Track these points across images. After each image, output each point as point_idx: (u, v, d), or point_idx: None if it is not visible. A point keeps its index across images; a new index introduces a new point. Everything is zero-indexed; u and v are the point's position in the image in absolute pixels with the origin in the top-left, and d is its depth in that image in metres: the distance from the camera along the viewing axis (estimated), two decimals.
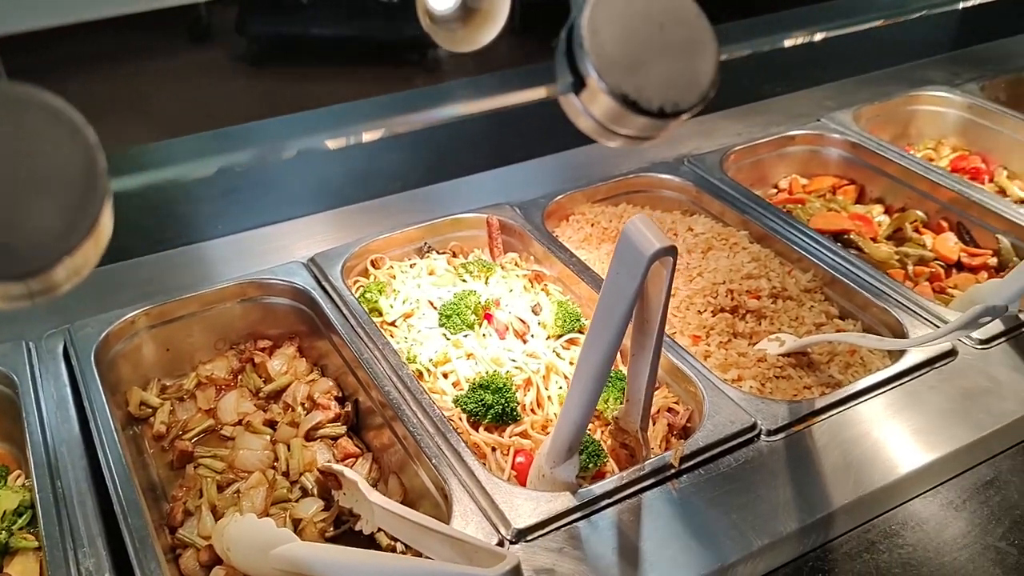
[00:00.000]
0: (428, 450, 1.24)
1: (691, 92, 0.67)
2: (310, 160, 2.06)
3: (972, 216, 1.82)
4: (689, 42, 0.67)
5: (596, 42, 0.63)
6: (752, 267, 1.58)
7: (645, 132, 0.70)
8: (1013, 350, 1.44)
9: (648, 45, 0.65)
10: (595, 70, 0.63)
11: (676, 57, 0.66)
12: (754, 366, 1.43)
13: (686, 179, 1.86)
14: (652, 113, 0.65)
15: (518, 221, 1.72)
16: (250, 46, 6.08)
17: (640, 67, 0.64)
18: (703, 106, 0.70)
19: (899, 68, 2.39)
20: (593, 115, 0.67)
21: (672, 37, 0.66)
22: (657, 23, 0.65)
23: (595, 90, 0.64)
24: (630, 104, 0.64)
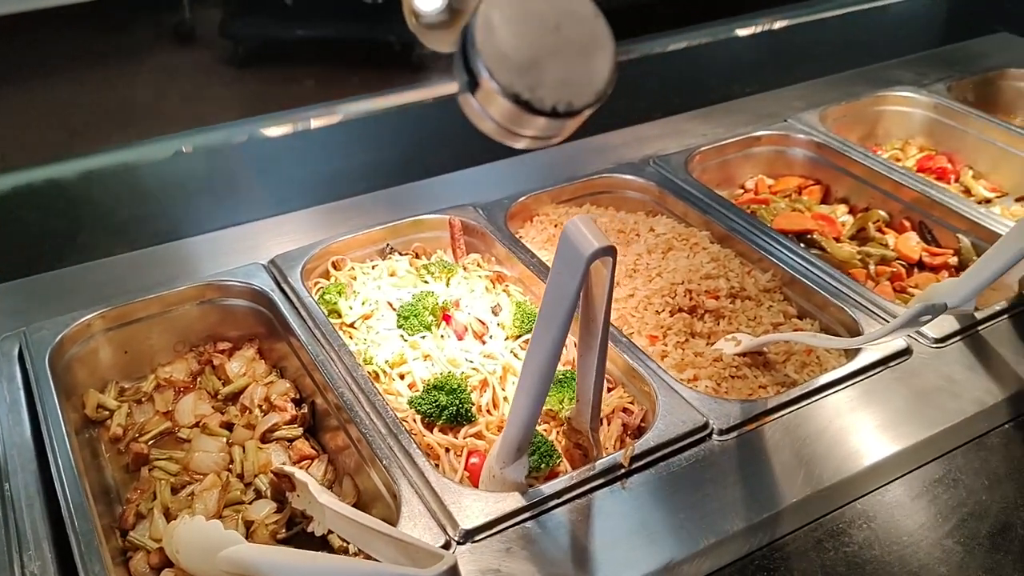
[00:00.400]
0: (379, 452, 1.24)
1: (586, 92, 0.68)
2: (276, 161, 2.06)
3: (934, 216, 1.83)
4: (586, 42, 0.67)
5: (489, 41, 0.63)
6: (711, 267, 1.59)
7: (545, 132, 0.70)
8: (968, 349, 1.44)
9: (543, 45, 0.65)
10: (486, 70, 0.63)
11: (572, 57, 0.67)
12: (710, 366, 1.44)
13: (650, 180, 1.87)
14: (545, 113, 0.65)
15: (481, 222, 1.72)
16: (235, 48, 6.08)
17: (534, 67, 0.64)
18: (599, 105, 0.70)
19: (868, 69, 2.40)
20: (492, 116, 0.67)
21: (568, 37, 0.66)
22: (553, 23, 0.65)
23: (488, 90, 0.64)
24: (523, 104, 0.64)
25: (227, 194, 1.96)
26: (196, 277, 1.57)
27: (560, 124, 0.68)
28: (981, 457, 1.29)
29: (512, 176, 1.92)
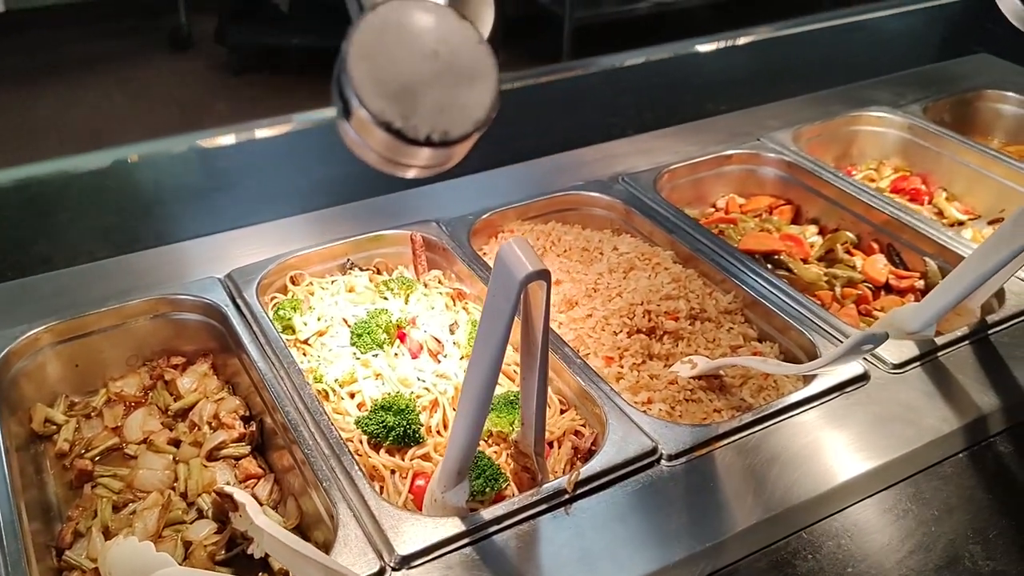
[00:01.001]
0: (320, 473, 1.22)
1: (464, 121, 0.66)
2: (239, 174, 2.04)
3: (903, 239, 1.81)
4: (466, 69, 0.65)
5: (362, 67, 0.61)
6: (671, 288, 1.57)
7: (429, 162, 0.68)
8: (927, 375, 1.42)
9: (419, 72, 0.63)
10: (357, 96, 0.61)
11: (450, 85, 0.65)
12: (665, 388, 1.42)
13: (616, 198, 1.85)
14: (419, 142, 0.63)
15: (443, 238, 1.70)
16: (230, 55, 6.07)
17: (408, 94, 0.62)
18: (479, 135, 0.68)
19: (846, 88, 2.38)
20: (370, 146, 0.65)
21: (447, 64, 0.64)
22: (431, 49, 0.63)
23: (360, 118, 0.62)
24: (394, 132, 0.62)
25: (192, 205, 1.94)
26: (152, 290, 1.55)
27: (443, 153, 0.66)
28: (933, 487, 1.27)
29: (479, 192, 1.90)
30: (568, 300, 1.56)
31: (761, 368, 1.37)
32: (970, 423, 1.34)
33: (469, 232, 1.73)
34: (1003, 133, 2.35)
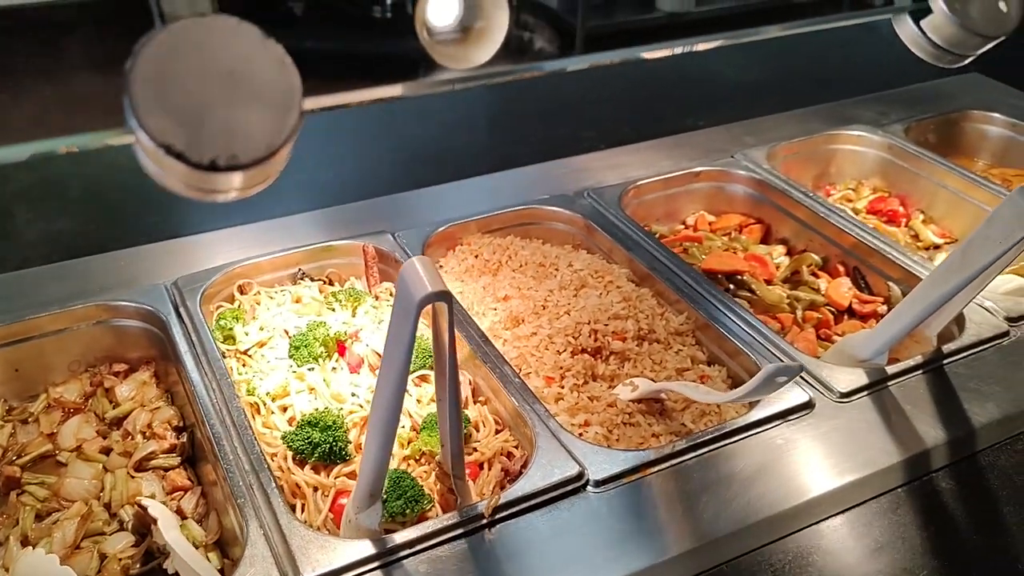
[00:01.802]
0: (236, 489, 1.20)
1: (256, 145, 0.63)
2: None
3: (870, 262, 1.77)
4: (264, 92, 0.63)
5: (145, 89, 0.59)
6: (621, 307, 1.54)
7: (235, 186, 0.65)
8: (873, 405, 1.38)
9: (209, 94, 0.60)
10: (136, 119, 0.58)
11: (243, 107, 0.62)
12: (604, 411, 1.39)
13: (579, 212, 1.82)
14: (203, 167, 0.61)
15: (396, 250, 1.68)
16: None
17: (195, 117, 0.60)
18: (272, 157, 0.65)
19: (830, 105, 2.34)
20: (165, 171, 0.63)
21: (242, 86, 0.62)
22: (226, 69, 0.61)
23: (142, 142, 0.60)
24: (176, 156, 0.60)
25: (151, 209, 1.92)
26: (100, 295, 1.54)
27: (246, 176, 0.63)
28: (866, 522, 1.23)
29: (442, 203, 1.88)
30: (514, 317, 1.53)
31: (688, 394, 1.33)
32: (911, 457, 1.30)
33: (424, 244, 1.70)
34: (989, 155, 2.30)
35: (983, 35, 0.92)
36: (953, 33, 0.92)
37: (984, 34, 0.92)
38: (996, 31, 0.93)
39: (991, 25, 0.92)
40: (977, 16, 0.90)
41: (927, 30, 0.95)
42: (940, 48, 0.96)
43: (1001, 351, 1.50)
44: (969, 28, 0.90)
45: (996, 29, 0.92)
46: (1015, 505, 1.25)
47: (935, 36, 0.94)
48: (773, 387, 1.11)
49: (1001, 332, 1.52)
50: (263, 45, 0.63)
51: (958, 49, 0.97)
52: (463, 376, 1.46)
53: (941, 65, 0.99)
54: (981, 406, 1.38)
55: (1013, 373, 1.45)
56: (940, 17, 0.91)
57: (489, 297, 1.60)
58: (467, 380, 1.45)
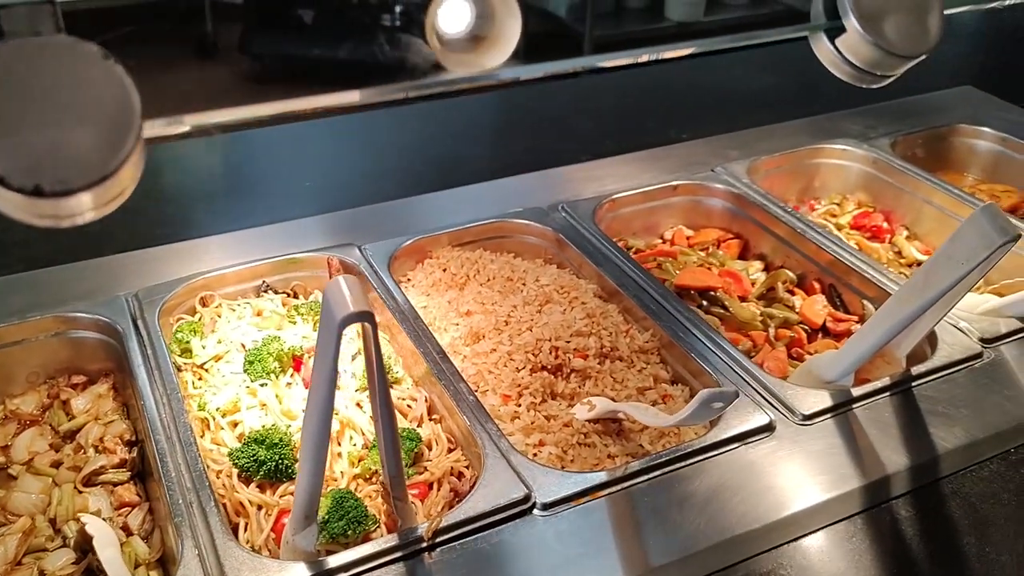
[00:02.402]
0: (175, 507, 1.18)
1: (86, 169, 0.61)
2: (165, 193, 2.02)
3: (846, 280, 1.73)
4: (99, 113, 0.61)
5: None
6: (583, 324, 1.51)
7: (65, 212, 0.63)
8: (836, 428, 1.35)
9: (32, 116, 0.58)
10: None
11: (73, 129, 0.60)
12: (560, 431, 1.36)
13: (550, 226, 1.80)
14: (26, 191, 0.59)
15: (361, 263, 1.66)
16: (253, 65, 6.22)
17: (15, 139, 0.58)
18: (106, 181, 0.63)
19: (817, 118, 2.30)
20: (2, 198, 0.60)
21: (77, 108, 0.59)
22: (57, 92, 0.58)
23: None
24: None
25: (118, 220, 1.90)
26: (61, 306, 1.53)
27: (82, 200, 0.61)
28: (819, 550, 1.19)
29: (415, 215, 1.86)
30: (475, 333, 1.51)
31: (636, 416, 1.30)
32: (871, 483, 1.26)
33: (391, 257, 1.68)
34: (979, 170, 2.25)
35: (900, 55, 0.88)
36: (869, 53, 0.88)
37: (901, 53, 0.89)
38: (914, 50, 0.89)
39: (909, 43, 0.88)
40: (893, 34, 0.86)
41: (843, 50, 0.91)
42: (859, 69, 0.92)
43: (973, 373, 1.46)
44: (884, 48, 0.86)
45: (914, 48, 0.89)
46: (977, 536, 1.22)
47: (852, 56, 0.90)
48: (710, 413, 1.08)
49: (974, 354, 1.48)
50: (103, 66, 0.61)
51: (877, 69, 0.93)
52: (419, 393, 1.44)
53: (863, 86, 0.96)
54: (948, 430, 1.35)
55: (984, 396, 1.41)
56: (854, 36, 0.87)
57: (452, 312, 1.58)
58: (423, 397, 1.42)
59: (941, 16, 0.91)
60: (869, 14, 0.86)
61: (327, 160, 2.23)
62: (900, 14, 0.87)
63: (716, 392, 1.04)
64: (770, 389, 1.39)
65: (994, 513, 1.24)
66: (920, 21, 0.88)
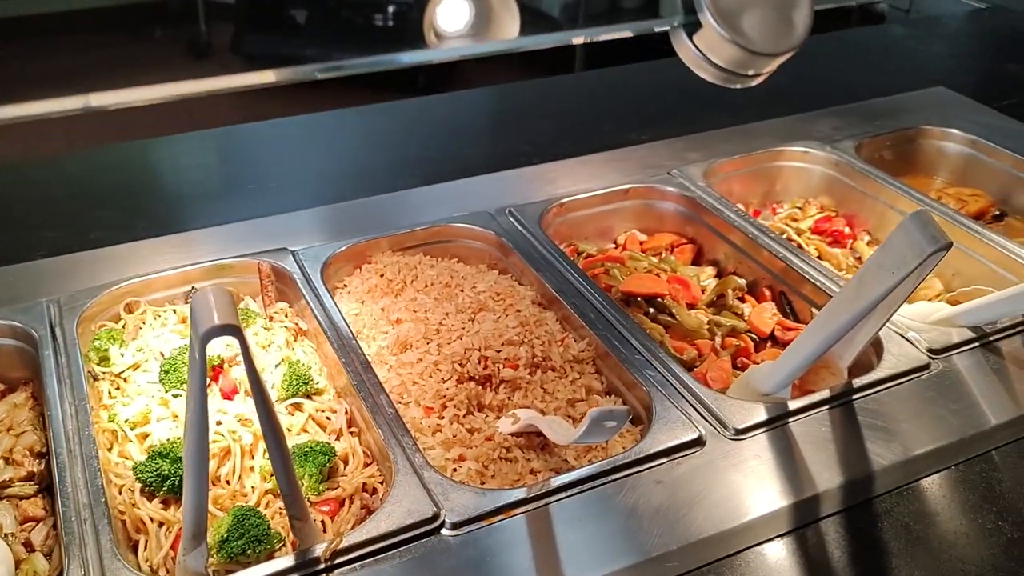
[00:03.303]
0: (67, 525, 1.13)
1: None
2: (99, 197, 1.97)
3: (800, 289, 1.68)
4: None
5: None
6: (515, 332, 1.46)
7: None
8: (770, 443, 1.29)
9: None
10: None
11: None
12: (482, 444, 1.31)
13: (494, 231, 1.74)
14: None
15: (294, 268, 1.61)
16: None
17: None
18: None
19: (783, 120, 2.25)
20: None
21: None
22: None
23: None
24: None
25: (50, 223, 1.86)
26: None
27: None
28: (741, 572, 1.13)
29: (356, 219, 1.80)
30: (402, 342, 1.46)
31: (544, 430, 1.24)
32: (799, 502, 1.21)
33: (326, 262, 1.63)
34: (948, 172, 2.19)
35: (761, 52, 0.82)
36: (729, 51, 0.82)
37: (762, 51, 0.82)
38: (777, 47, 0.83)
39: (772, 41, 0.82)
40: (754, 31, 0.81)
41: (702, 48, 0.85)
42: (722, 68, 0.86)
43: (918, 386, 1.40)
44: (743, 45, 0.80)
45: (777, 45, 0.83)
46: (908, 558, 1.16)
47: (711, 55, 0.84)
48: (604, 432, 1.02)
49: (920, 365, 1.43)
50: None
51: (741, 68, 0.87)
52: (340, 405, 1.39)
53: (731, 87, 0.90)
54: (886, 446, 1.29)
55: (927, 410, 1.35)
56: (710, 33, 0.81)
57: (383, 320, 1.53)
58: (343, 409, 1.37)
59: (810, 11, 0.85)
60: (726, 8, 0.80)
61: (274, 163, 2.17)
62: (762, 8, 0.81)
63: (606, 411, 0.99)
64: (704, 402, 1.34)
65: (927, 535, 1.19)
66: (784, 17, 0.82)
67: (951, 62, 2.88)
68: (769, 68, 0.86)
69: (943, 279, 1.81)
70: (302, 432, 1.35)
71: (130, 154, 2.20)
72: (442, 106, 2.52)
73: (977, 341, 1.49)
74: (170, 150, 2.23)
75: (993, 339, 1.50)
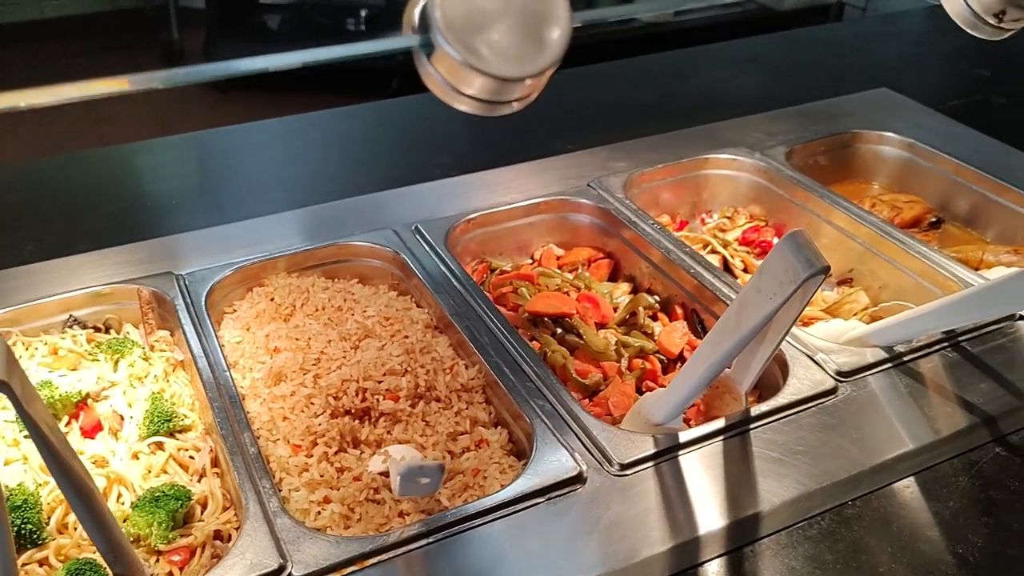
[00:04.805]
0: None
1: None
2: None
3: (713, 308, 1.60)
4: None
5: None
6: (399, 361, 1.37)
7: None
8: (654, 478, 1.21)
9: None
10: None
11: None
12: (349, 485, 1.22)
13: (394, 249, 1.66)
14: None
15: (176, 294, 1.52)
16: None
17: None
18: None
19: (713, 125, 2.16)
20: None
21: None
22: None
23: None
24: None
25: None
26: None
27: None
28: None
29: (252, 239, 1.72)
30: (276, 374, 1.38)
31: (392, 478, 1.15)
32: (680, 545, 1.12)
33: (211, 287, 1.55)
34: (886, 177, 2.11)
35: (501, 77, 0.73)
36: (467, 76, 0.73)
37: (502, 75, 0.73)
38: (522, 70, 0.74)
39: (515, 63, 0.73)
40: (491, 52, 0.72)
41: (442, 72, 0.76)
42: (474, 99, 0.77)
43: (823, 412, 1.32)
44: (479, 68, 0.71)
45: (521, 67, 0.73)
46: None
47: (455, 81, 0.75)
48: (420, 488, 0.94)
49: (826, 390, 1.35)
50: None
51: (494, 96, 0.77)
52: (204, 443, 1.30)
53: (488, 115, 0.80)
54: (779, 481, 1.21)
55: (829, 440, 1.27)
56: (444, 55, 0.72)
57: (262, 349, 1.44)
58: (207, 448, 1.29)
59: (566, 29, 0.76)
60: (459, 28, 0.71)
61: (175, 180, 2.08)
62: (499, 30, 0.72)
63: (416, 467, 0.91)
64: (591, 434, 1.26)
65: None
66: (533, 39, 0.74)
67: (901, 62, 2.80)
68: (522, 93, 0.77)
69: (870, 292, 1.73)
70: (162, 473, 1.26)
71: (28, 172, 2.12)
72: (361, 115, 2.43)
73: (890, 362, 1.41)
74: (72, 168, 2.14)
75: (908, 359, 1.42)
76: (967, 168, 1.94)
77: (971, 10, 1.02)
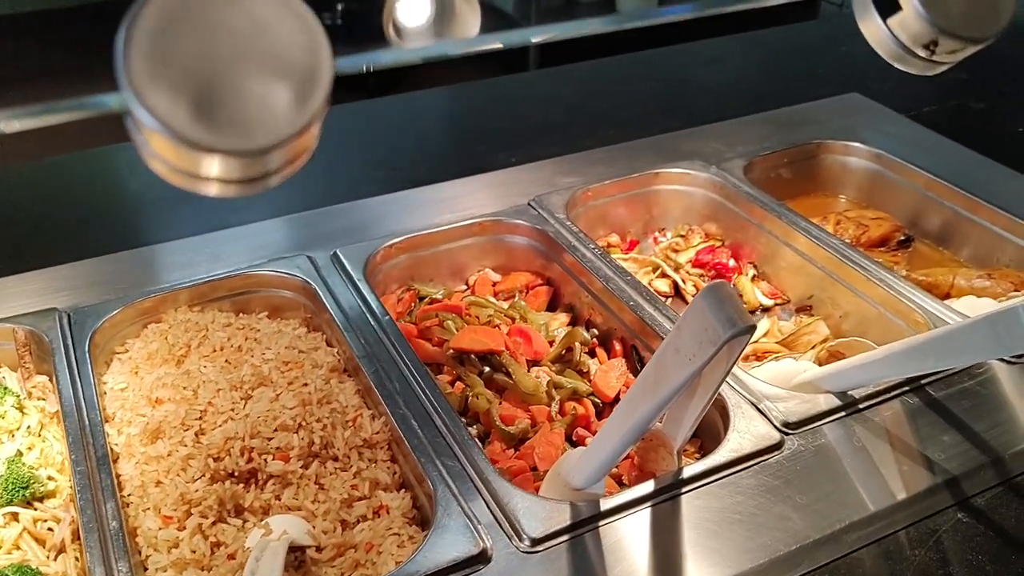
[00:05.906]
0: None
1: None
2: None
3: (652, 344, 1.45)
4: None
5: None
6: (293, 414, 1.22)
7: None
8: (568, 555, 1.07)
9: None
10: None
11: None
12: (223, 564, 1.07)
13: (305, 278, 1.51)
14: None
15: (56, 334, 1.37)
16: None
17: None
18: None
19: (666, 136, 2.01)
20: None
21: None
22: None
23: None
24: None
25: None
26: None
27: None
28: None
29: (155, 267, 1.57)
30: (154, 431, 1.22)
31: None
32: None
33: (97, 325, 1.40)
34: (852, 191, 1.97)
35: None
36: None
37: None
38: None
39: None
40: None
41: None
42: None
43: (765, 471, 1.18)
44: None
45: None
46: None
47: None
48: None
49: (770, 445, 1.20)
50: None
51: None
52: (66, 514, 1.15)
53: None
54: (710, 559, 1.06)
55: (769, 507, 1.12)
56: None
57: (145, 399, 1.29)
58: (67, 519, 1.14)
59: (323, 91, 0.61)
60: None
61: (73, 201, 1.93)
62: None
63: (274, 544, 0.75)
64: (500, 501, 1.11)
65: None
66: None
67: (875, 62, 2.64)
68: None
69: (830, 322, 1.59)
70: (14, 549, 1.11)
71: None
72: None
73: (844, 410, 1.27)
74: None
75: (863, 407, 1.28)
76: (938, 182, 1.80)
77: (897, 41, 0.89)
